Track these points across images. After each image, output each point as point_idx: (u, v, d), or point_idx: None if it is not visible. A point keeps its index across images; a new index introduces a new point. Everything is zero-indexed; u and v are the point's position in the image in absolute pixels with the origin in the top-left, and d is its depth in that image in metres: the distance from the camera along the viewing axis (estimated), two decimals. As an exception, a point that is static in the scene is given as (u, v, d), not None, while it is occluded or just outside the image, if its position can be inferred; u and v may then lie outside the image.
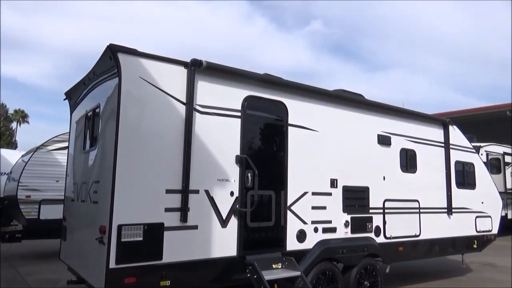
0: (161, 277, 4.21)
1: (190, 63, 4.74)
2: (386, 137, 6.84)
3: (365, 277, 6.13)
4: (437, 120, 7.98)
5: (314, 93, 6.00)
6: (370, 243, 6.25)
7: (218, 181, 4.83)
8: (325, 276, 5.63)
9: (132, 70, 4.35)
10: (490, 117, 22.20)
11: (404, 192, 6.99)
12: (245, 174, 5.03)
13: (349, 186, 6.17)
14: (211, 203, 4.71)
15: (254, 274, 4.74)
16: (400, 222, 6.81)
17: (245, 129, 5.16)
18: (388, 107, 7.03)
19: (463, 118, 22.13)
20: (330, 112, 6.17)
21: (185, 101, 4.68)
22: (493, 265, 10.21)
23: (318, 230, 5.69)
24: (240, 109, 5.17)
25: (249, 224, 4.99)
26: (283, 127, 5.58)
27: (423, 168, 7.36)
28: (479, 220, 8.33)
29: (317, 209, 5.74)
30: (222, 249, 4.74)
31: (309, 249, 5.55)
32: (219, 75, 5.05)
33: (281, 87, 5.67)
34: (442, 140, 7.92)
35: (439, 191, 7.65)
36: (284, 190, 5.42)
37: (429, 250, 7.33)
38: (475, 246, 8.21)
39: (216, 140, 4.90)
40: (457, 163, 8.09)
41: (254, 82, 5.39)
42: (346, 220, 6.05)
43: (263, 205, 5.21)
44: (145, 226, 4.17)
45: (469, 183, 8.34)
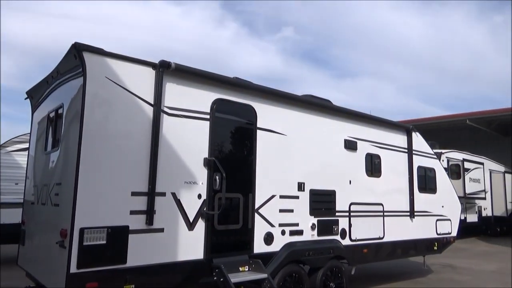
0: (125, 281, 4.12)
1: (159, 65, 4.70)
2: (352, 142, 7.02)
3: (331, 279, 6.24)
4: (401, 127, 8.27)
5: (283, 98, 6.09)
6: (336, 245, 6.37)
7: (185, 183, 4.79)
8: (291, 278, 5.69)
9: (97, 70, 4.27)
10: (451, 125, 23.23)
11: (369, 195, 7.19)
12: (213, 176, 5.02)
13: (316, 189, 6.28)
14: (178, 206, 4.67)
15: (220, 277, 4.72)
16: (365, 225, 6.99)
17: (214, 132, 5.16)
18: (355, 113, 7.22)
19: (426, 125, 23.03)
20: (298, 117, 6.27)
21: (153, 103, 4.63)
22: (452, 266, 10.65)
23: (285, 232, 5.75)
24: (209, 112, 5.17)
25: (216, 227, 4.98)
26: (251, 131, 5.62)
27: (387, 173, 7.60)
28: (439, 223, 8.68)
29: (285, 212, 5.80)
30: (188, 252, 4.70)
31: (276, 252, 5.59)
32: (188, 77, 5.03)
33: (250, 91, 5.71)
34: (406, 146, 8.22)
35: (402, 195, 7.91)
36: (252, 193, 5.45)
37: (392, 252, 7.56)
38: (436, 248, 8.54)
39: (184, 143, 4.87)
40: (419, 168, 8.41)
41: (223, 85, 5.40)
42: (313, 223, 6.15)
43: (231, 208, 5.21)
44: (109, 229, 4.07)
45: (431, 188, 8.68)
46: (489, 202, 17.50)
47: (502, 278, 9.34)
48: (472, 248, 14.51)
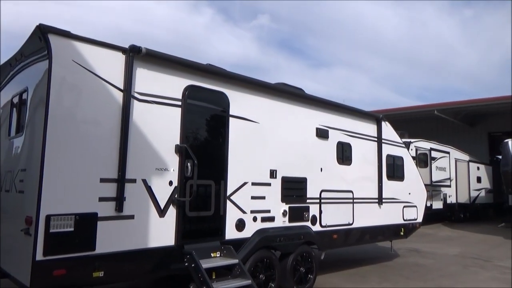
0: (94, 268, 4.08)
1: (129, 49, 4.61)
2: (324, 130, 7.14)
3: (301, 264, 6.39)
4: (371, 116, 8.47)
5: (256, 85, 6.10)
6: (307, 231, 6.52)
7: (156, 170, 4.76)
8: (263, 264, 5.79)
9: (64, 53, 4.13)
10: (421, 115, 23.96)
11: (340, 183, 7.36)
12: (185, 163, 5.00)
13: (288, 177, 6.37)
14: (148, 193, 4.63)
15: (192, 263, 4.75)
16: (335, 212, 7.17)
17: (186, 119, 5.12)
18: (327, 102, 7.33)
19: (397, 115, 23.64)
20: (271, 105, 6.30)
21: (123, 88, 4.55)
22: (417, 250, 11.11)
23: (257, 219, 5.82)
24: (180, 98, 5.12)
25: (188, 214, 4.99)
26: (224, 118, 5.61)
27: (357, 161, 7.78)
28: (406, 209, 9.00)
29: (257, 199, 5.86)
30: (159, 238, 4.69)
31: (248, 238, 5.67)
32: (160, 63, 4.96)
33: (223, 78, 5.69)
34: (375, 135, 8.43)
35: (371, 183, 8.14)
36: (224, 180, 5.47)
37: (361, 238, 7.80)
38: (402, 233, 8.87)
39: (155, 129, 4.82)
40: (388, 157, 8.65)
41: (196, 71, 5.36)
42: (284, 209, 6.25)
43: (203, 194, 5.22)
44: (77, 216, 4.00)
45: (398, 176, 8.97)
46: (454, 189, 18.26)
47: (462, 261, 9.84)
48: (436, 234, 15.17)
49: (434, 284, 7.38)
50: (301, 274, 6.37)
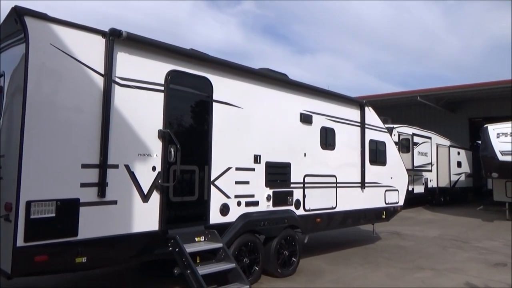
0: (77, 254, 4.08)
1: (109, 33, 4.52)
2: (308, 115, 7.18)
3: (285, 247, 6.50)
4: (354, 102, 8.54)
5: (239, 71, 6.07)
6: (290, 215, 6.61)
7: (139, 155, 4.73)
8: (247, 247, 5.86)
9: (41, 36, 4.03)
10: (404, 102, 24.29)
11: (323, 168, 7.45)
12: (168, 149, 4.99)
13: (272, 162, 6.41)
14: (131, 178, 4.62)
15: (176, 248, 4.79)
16: (319, 196, 7.27)
17: (169, 104, 5.08)
18: (311, 88, 7.35)
19: (380, 101, 23.91)
20: (254, 90, 6.30)
21: (103, 73, 4.47)
22: (399, 233, 11.40)
23: (241, 204, 5.87)
24: (163, 83, 5.07)
25: (171, 199, 4.99)
26: (207, 103, 5.59)
27: (340, 146, 7.88)
28: (388, 193, 9.19)
29: (241, 184, 5.90)
30: (143, 224, 4.70)
31: (232, 222, 5.72)
32: (141, 47, 4.89)
33: (206, 63, 5.65)
34: (359, 120, 8.52)
35: (354, 167, 8.27)
36: (208, 165, 5.48)
37: (344, 221, 7.95)
38: (384, 216, 9.07)
39: (138, 114, 4.78)
40: (371, 142, 8.78)
41: (178, 56, 5.30)
42: (268, 194, 6.31)
43: (187, 180, 5.23)
44: (58, 202, 3.97)
45: (381, 160, 9.12)
46: (435, 174, 18.69)
47: (441, 242, 10.15)
48: (417, 217, 15.56)
49: (413, 265, 7.61)
50: (285, 257, 6.48)
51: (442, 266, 7.55)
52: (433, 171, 18.40)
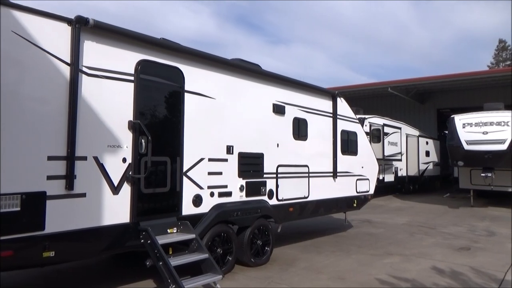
0: (44, 249, 3.98)
1: (75, 20, 4.37)
2: (280, 106, 7.23)
3: (258, 237, 6.57)
4: (327, 92, 8.65)
5: (212, 61, 6.02)
6: (264, 205, 6.67)
7: (108, 147, 4.64)
8: (220, 238, 5.89)
9: (3, 23, 3.85)
10: (375, 93, 24.80)
11: (296, 158, 7.54)
12: (139, 140, 4.91)
13: (245, 152, 6.44)
14: (100, 170, 4.53)
15: (147, 240, 4.75)
16: (291, 186, 7.37)
17: (139, 94, 4.99)
18: (283, 78, 7.39)
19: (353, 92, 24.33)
20: (227, 80, 6.27)
21: (70, 62, 4.34)
22: (369, 221, 11.73)
23: (214, 194, 5.88)
24: (133, 73, 4.97)
25: (143, 191, 4.94)
26: (179, 93, 5.53)
27: (313, 136, 7.98)
28: (359, 182, 9.41)
29: (213, 175, 5.90)
30: (114, 216, 4.63)
31: (205, 213, 5.72)
32: (110, 36, 4.76)
33: (178, 53, 5.57)
34: (331, 111, 8.65)
35: (326, 157, 8.41)
36: (180, 156, 5.44)
37: (316, 210, 8.10)
38: (355, 205, 9.30)
39: (107, 105, 4.67)
40: (342, 132, 8.94)
41: (149, 45, 5.20)
42: (242, 184, 6.34)
43: (158, 171, 5.18)
44: (23, 195, 3.85)
45: (352, 150, 9.31)
46: (405, 163, 19.27)
47: (410, 229, 10.53)
48: (388, 205, 16.05)
49: (383, 251, 7.87)
50: (258, 247, 6.56)
51: (410, 251, 7.84)
52: (403, 161, 18.97)
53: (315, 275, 6.09)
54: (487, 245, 8.69)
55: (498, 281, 6.01)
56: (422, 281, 5.87)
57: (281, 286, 5.53)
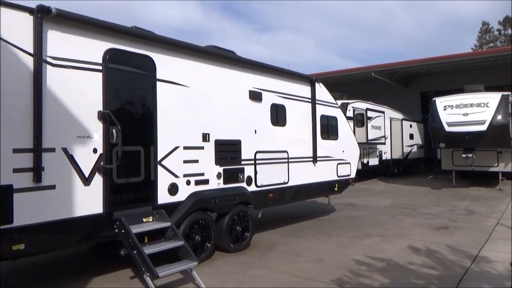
0: (13, 242, 3.95)
1: (36, 10, 4.28)
2: (257, 93, 7.21)
3: (237, 223, 6.62)
4: (305, 78, 8.65)
5: (184, 48, 5.97)
6: (242, 192, 6.71)
7: (78, 138, 4.59)
8: (198, 225, 5.92)
9: (-42, 13, 3.75)
10: (358, 77, 24.87)
11: (274, 144, 7.57)
12: (110, 130, 4.87)
13: (221, 140, 6.43)
14: (70, 161, 4.49)
15: (121, 229, 4.76)
16: (270, 172, 7.41)
17: (108, 84, 4.93)
18: (260, 65, 7.37)
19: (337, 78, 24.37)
20: (201, 68, 6.23)
21: (33, 53, 4.25)
22: (353, 204, 11.88)
23: (190, 182, 5.88)
24: (101, 63, 4.90)
25: (116, 181, 4.91)
26: (151, 82, 5.47)
27: (292, 122, 8.00)
28: (340, 166, 9.50)
29: (189, 163, 5.90)
30: (86, 207, 4.61)
31: (182, 201, 5.73)
32: (75, 25, 4.67)
33: (148, 41, 5.50)
34: (309, 96, 8.67)
35: (306, 142, 8.45)
36: (154, 145, 5.42)
37: (296, 195, 8.17)
38: (336, 189, 9.40)
39: (74, 95, 4.61)
40: (322, 117, 8.97)
41: (117, 34, 5.13)
42: (219, 172, 6.35)
43: (131, 161, 5.15)
44: (-11, 189, 3.81)
45: (332, 135, 9.37)
46: (389, 146, 19.47)
47: (391, 210, 10.71)
48: (372, 188, 16.26)
49: (363, 233, 8.00)
50: (238, 233, 6.61)
51: (389, 232, 7.99)
52: (387, 144, 19.16)
53: (294, 258, 6.17)
54: (466, 223, 8.89)
55: (472, 257, 6.17)
56: (398, 261, 6.00)
57: (259, 270, 5.60)
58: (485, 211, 10.56)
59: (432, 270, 5.57)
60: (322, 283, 5.05)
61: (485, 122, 13.96)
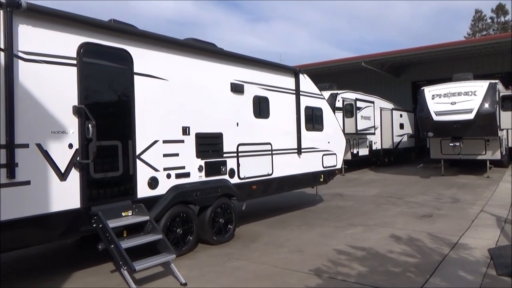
0: (-13, 238, 3.97)
1: (6, 4, 4.22)
2: (239, 85, 7.20)
3: (220, 215, 6.66)
4: (288, 69, 8.64)
5: (162, 42, 5.93)
6: (224, 184, 6.73)
7: (52, 133, 4.58)
8: (180, 218, 5.95)
9: None
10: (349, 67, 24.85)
11: (258, 136, 7.58)
12: (86, 125, 4.86)
13: (202, 133, 6.44)
14: (45, 157, 4.48)
15: (99, 224, 4.77)
16: (254, 164, 7.43)
17: (83, 78, 4.90)
18: (241, 57, 7.35)
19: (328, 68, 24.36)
20: (180, 61, 6.20)
21: (3, 47, 4.21)
22: (340, 194, 11.97)
23: (171, 176, 5.90)
24: (75, 57, 4.87)
25: (93, 176, 4.92)
26: (128, 76, 5.45)
27: (275, 114, 8.01)
28: (325, 157, 9.54)
29: (170, 156, 5.90)
30: (63, 202, 4.62)
31: (162, 195, 5.75)
32: (47, 19, 4.63)
33: (124, 35, 5.46)
34: (293, 88, 8.67)
35: (290, 134, 8.47)
36: (132, 140, 5.41)
37: (281, 187, 8.21)
38: (322, 180, 9.45)
39: (48, 90, 4.58)
40: (307, 108, 8.99)
41: (91, 28, 5.08)
42: (200, 165, 6.37)
43: (109, 155, 5.15)
44: (-40, 186, 3.80)
45: (318, 126, 9.40)
46: (379, 136, 19.56)
47: (378, 200, 10.81)
48: (361, 178, 16.36)
49: (347, 223, 8.08)
50: (221, 225, 6.65)
51: (373, 222, 8.08)
52: (377, 134, 19.24)
53: (275, 249, 6.24)
54: (450, 211, 9.00)
55: (452, 245, 6.27)
56: (378, 249, 6.08)
57: (240, 261, 5.66)
58: (470, 198, 10.69)
59: (410, 258, 5.65)
60: (301, 273, 5.11)
61: (473, 111, 14.03)
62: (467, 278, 4.84)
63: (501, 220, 7.91)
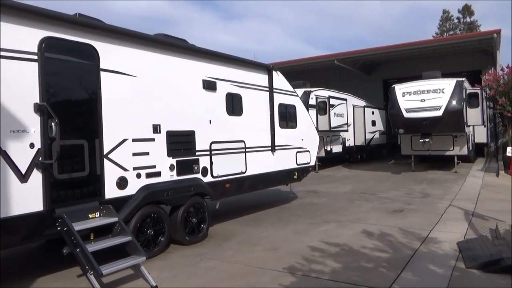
0: None
1: (-42, -5, 3.96)
2: (211, 82, 7.08)
3: (193, 215, 6.53)
4: (261, 66, 8.58)
5: (130, 37, 5.74)
6: (197, 183, 6.61)
7: (11, 132, 4.33)
8: (151, 219, 5.79)
9: None
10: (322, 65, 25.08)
11: (231, 134, 7.49)
12: (48, 123, 4.62)
13: (174, 131, 6.28)
14: (3, 158, 4.22)
15: (64, 227, 4.56)
16: (227, 162, 7.34)
17: (45, 74, 4.66)
18: (213, 53, 7.22)
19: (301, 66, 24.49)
20: (149, 57, 6.02)
21: (-44, 41, 3.94)
22: (315, 191, 12.04)
23: (141, 175, 5.72)
24: (36, 52, 4.62)
25: (57, 176, 4.69)
26: (94, 72, 5.23)
27: (248, 111, 7.94)
28: (299, 154, 9.56)
29: (139, 155, 5.72)
30: (24, 205, 4.38)
31: (132, 195, 5.57)
32: (5, 12, 4.36)
33: (90, 29, 5.24)
34: (267, 85, 8.62)
35: (263, 132, 8.43)
36: (99, 138, 5.20)
37: (255, 185, 8.16)
38: (296, 177, 9.45)
39: (7, 87, 4.32)
40: (280, 106, 8.96)
41: (54, 22, 4.84)
42: (172, 163, 6.22)
43: (75, 155, 4.93)
44: None
45: (291, 123, 9.40)
46: (352, 133, 19.85)
47: (351, 196, 10.94)
48: (335, 175, 16.55)
49: (321, 219, 8.11)
50: (194, 225, 6.53)
51: (346, 218, 8.15)
52: (350, 131, 19.52)
53: (249, 248, 6.18)
54: (420, 206, 9.22)
55: (422, 239, 6.39)
56: (351, 245, 6.13)
57: (213, 261, 5.56)
58: (439, 193, 10.99)
59: (382, 253, 5.72)
60: (274, 271, 5.07)
61: (441, 108, 14.45)
62: (437, 271, 4.94)
63: (469, 213, 8.16)
